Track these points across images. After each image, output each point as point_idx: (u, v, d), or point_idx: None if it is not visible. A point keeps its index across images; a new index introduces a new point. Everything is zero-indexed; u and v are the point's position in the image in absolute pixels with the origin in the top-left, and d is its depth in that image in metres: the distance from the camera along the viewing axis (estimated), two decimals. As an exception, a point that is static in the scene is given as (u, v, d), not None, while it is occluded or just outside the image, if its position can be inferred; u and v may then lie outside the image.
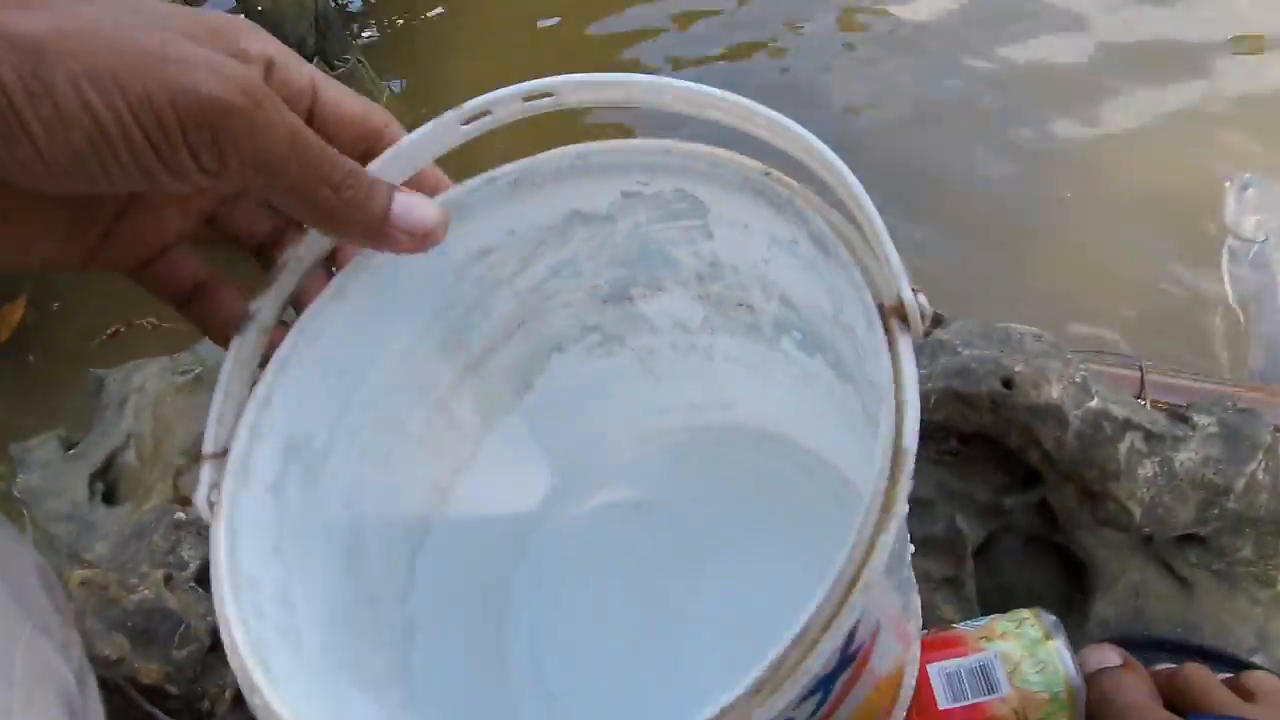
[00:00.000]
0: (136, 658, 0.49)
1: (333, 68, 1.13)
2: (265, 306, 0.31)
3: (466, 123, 0.32)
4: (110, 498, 0.72)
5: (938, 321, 0.57)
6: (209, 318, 0.31)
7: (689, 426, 0.52)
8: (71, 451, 0.73)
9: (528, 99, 0.32)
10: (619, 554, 0.51)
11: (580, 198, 0.36)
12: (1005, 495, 0.54)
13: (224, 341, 0.31)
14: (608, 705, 0.47)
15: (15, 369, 0.95)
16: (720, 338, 0.44)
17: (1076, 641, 0.53)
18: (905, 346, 0.25)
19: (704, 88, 0.29)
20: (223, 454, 0.31)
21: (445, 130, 0.32)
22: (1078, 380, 0.50)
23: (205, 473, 0.30)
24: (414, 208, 0.29)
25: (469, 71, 1.20)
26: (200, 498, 0.30)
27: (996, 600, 0.57)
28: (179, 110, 0.22)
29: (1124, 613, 0.53)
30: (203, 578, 0.56)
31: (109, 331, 0.93)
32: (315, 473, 0.35)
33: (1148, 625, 0.52)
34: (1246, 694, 0.43)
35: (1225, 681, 0.44)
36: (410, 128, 0.32)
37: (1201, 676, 0.44)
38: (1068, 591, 0.55)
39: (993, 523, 0.54)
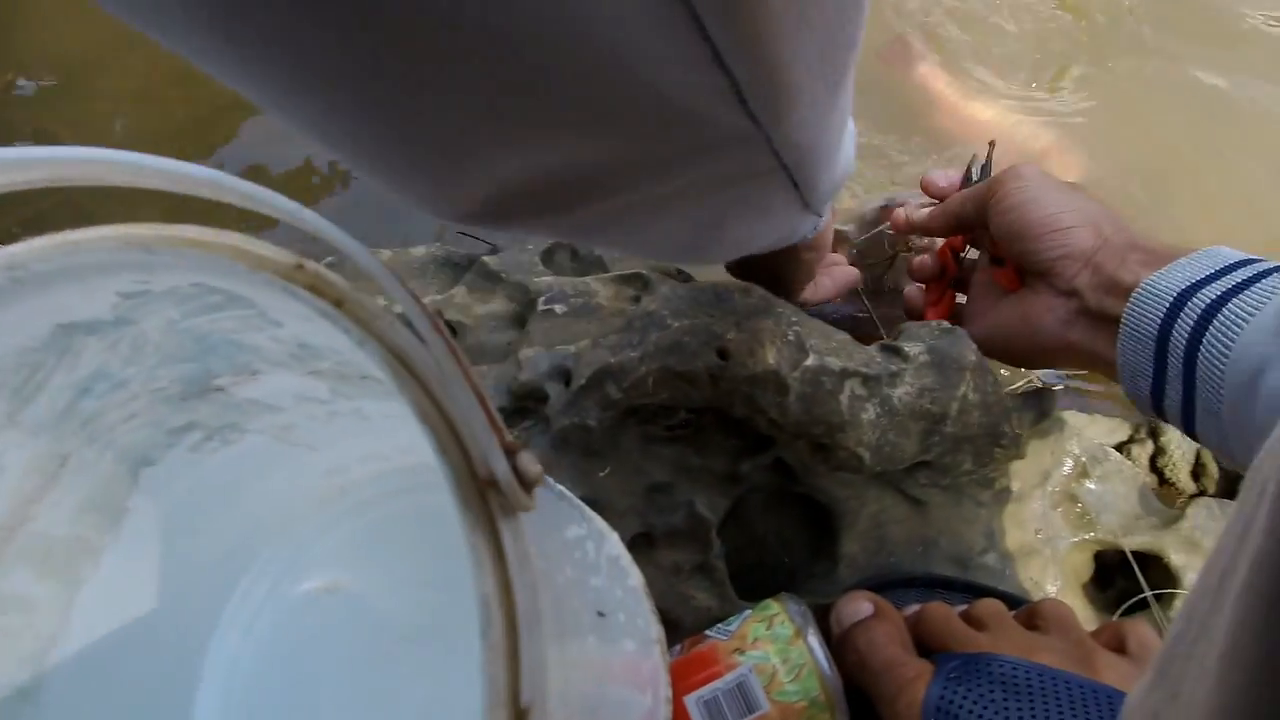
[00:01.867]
0: None
1: None
2: None
3: None
4: None
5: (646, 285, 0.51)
6: None
7: (371, 476, 0.43)
8: None
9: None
10: (317, 650, 0.42)
11: (60, 310, 0.24)
12: (741, 461, 0.50)
13: None
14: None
15: None
16: (364, 402, 0.34)
17: (830, 585, 0.52)
18: (512, 540, 0.18)
19: (159, 161, 0.19)
20: None
21: None
22: (790, 338, 0.46)
23: None
24: None
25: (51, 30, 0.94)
26: None
27: (751, 557, 0.54)
28: None
29: (869, 545, 0.52)
30: None
31: None
32: None
33: (892, 551, 0.52)
34: (978, 623, 0.43)
35: (961, 614, 0.44)
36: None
37: (939, 615, 0.44)
38: (815, 536, 0.54)
39: (734, 490, 0.51)
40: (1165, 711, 0.17)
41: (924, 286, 0.58)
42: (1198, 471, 0.64)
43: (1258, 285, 0.37)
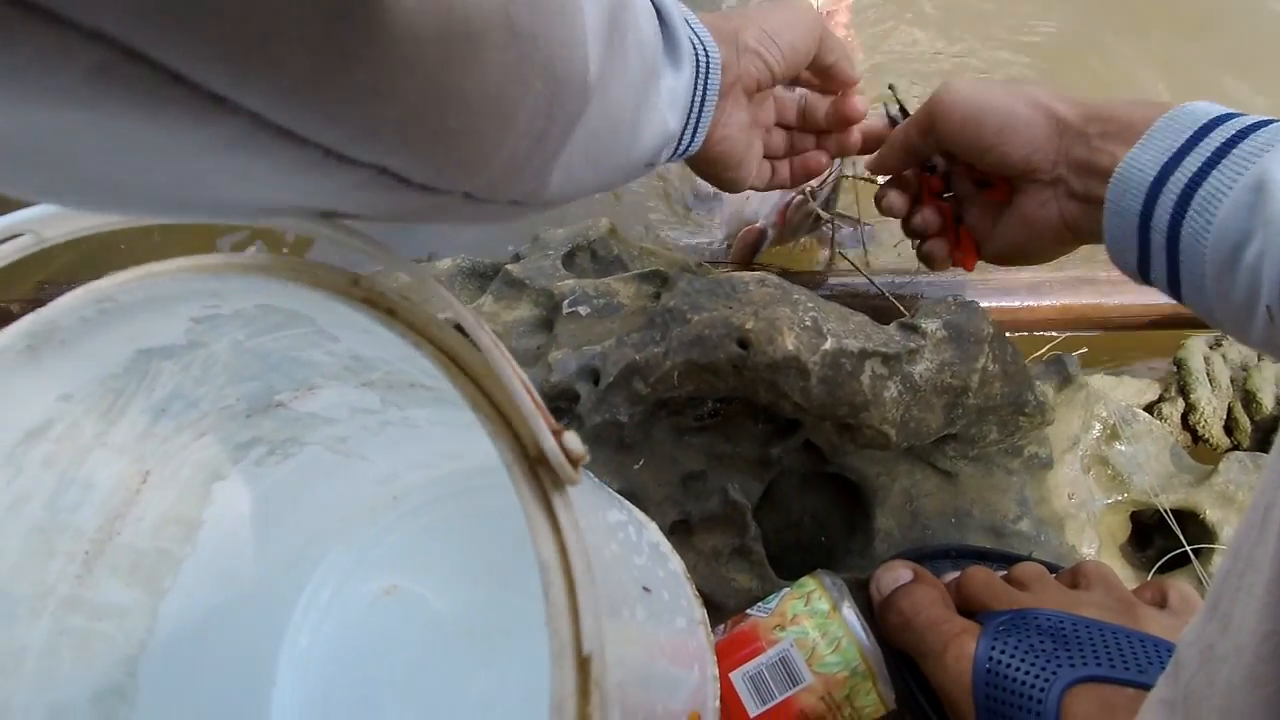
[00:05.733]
0: None
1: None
2: None
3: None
4: None
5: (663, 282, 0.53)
6: None
7: (421, 483, 0.46)
8: None
9: (-10, 247, 0.22)
10: (381, 649, 0.44)
11: (140, 336, 0.27)
12: (771, 445, 0.52)
13: None
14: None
15: None
16: (412, 410, 0.37)
17: (867, 561, 0.54)
18: (564, 509, 0.20)
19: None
20: None
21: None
22: (808, 323, 0.47)
23: None
24: None
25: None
26: None
27: (790, 539, 0.56)
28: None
29: (903, 519, 0.53)
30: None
31: None
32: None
33: (926, 524, 0.53)
34: (1020, 584, 0.45)
35: (1002, 577, 0.46)
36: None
37: (981, 578, 0.45)
38: (849, 513, 0.55)
39: (767, 473, 0.53)
40: (1219, 642, 0.18)
41: (940, 239, 0.53)
42: (1230, 426, 0.64)
43: (1234, 153, 0.37)
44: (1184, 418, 0.63)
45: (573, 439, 0.20)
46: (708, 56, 0.40)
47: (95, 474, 0.30)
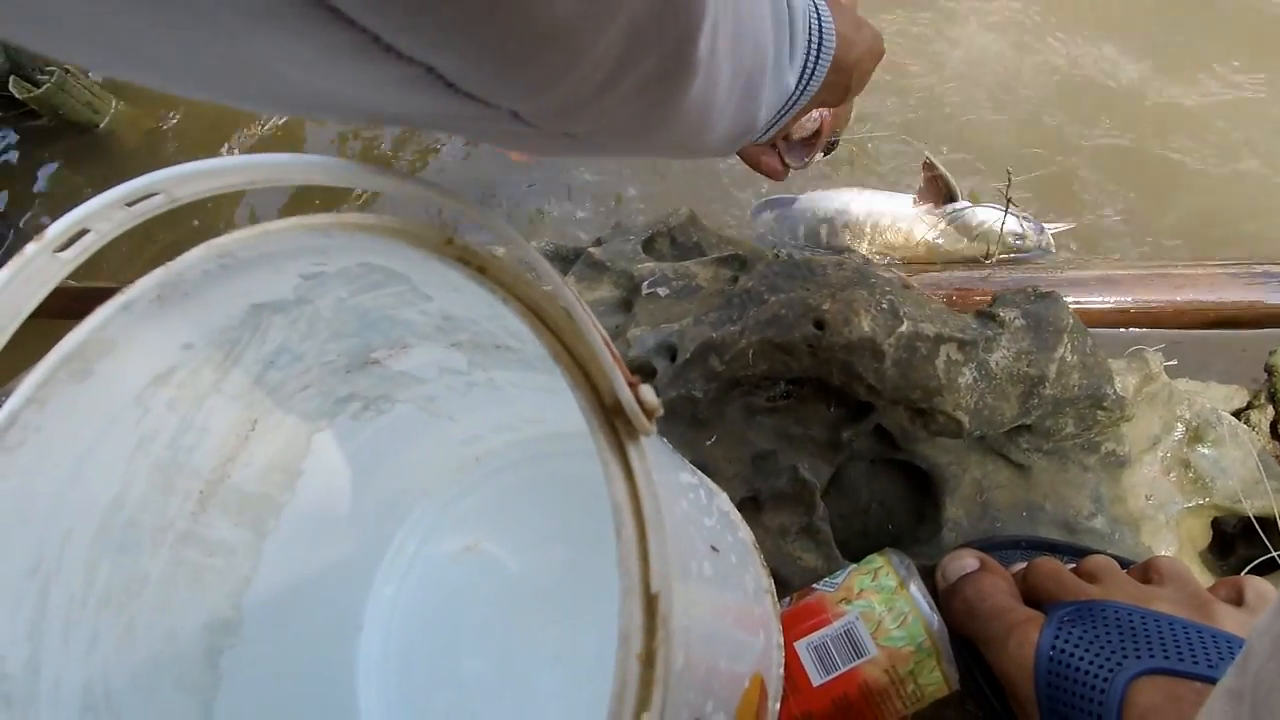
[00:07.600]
0: None
1: (37, 84, 0.96)
2: None
3: (62, 249, 0.25)
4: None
5: (743, 265, 0.54)
6: None
7: (503, 445, 0.48)
8: None
9: (132, 203, 0.25)
10: (460, 603, 0.47)
11: (254, 291, 0.29)
12: (842, 429, 0.52)
13: None
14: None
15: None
16: (496, 372, 0.39)
17: (934, 550, 0.53)
18: (637, 458, 0.21)
19: (335, 161, 0.23)
20: None
21: (36, 267, 0.25)
22: (885, 306, 0.47)
23: None
24: None
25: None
26: None
27: (856, 525, 0.56)
28: None
29: (973, 510, 0.53)
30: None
31: None
32: (24, 698, 0.28)
33: (996, 516, 0.53)
34: (1090, 577, 0.44)
35: (1071, 570, 0.45)
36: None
37: (1049, 568, 0.45)
38: (918, 502, 0.55)
39: (836, 456, 0.53)
40: None
41: None
42: (1327, 435, 0.61)
43: None
44: (1273, 426, 0.60)
45: (648, 391, 0.21)
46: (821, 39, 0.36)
47: (211, 419, 0.33)
